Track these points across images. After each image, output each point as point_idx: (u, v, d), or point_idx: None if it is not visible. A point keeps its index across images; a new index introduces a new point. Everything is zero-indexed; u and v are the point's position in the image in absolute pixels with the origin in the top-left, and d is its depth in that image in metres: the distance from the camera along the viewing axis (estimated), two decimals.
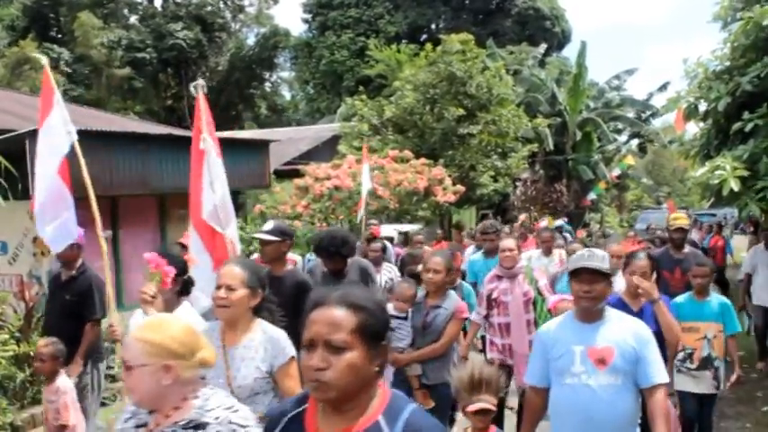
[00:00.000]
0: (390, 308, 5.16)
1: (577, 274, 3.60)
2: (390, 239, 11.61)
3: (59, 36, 40.13)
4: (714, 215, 23.35)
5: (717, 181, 7.42)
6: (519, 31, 39.52)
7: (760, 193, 7.29)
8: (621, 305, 4.74)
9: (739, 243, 20.43)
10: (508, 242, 6.42)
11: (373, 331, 1.98)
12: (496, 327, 6.27)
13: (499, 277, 6.32)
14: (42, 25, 39.49)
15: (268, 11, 47.31)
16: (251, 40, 47.35)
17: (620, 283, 5.62)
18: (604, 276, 3.59)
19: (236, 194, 15.91)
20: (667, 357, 4.77)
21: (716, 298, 5.79)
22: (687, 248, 7.11)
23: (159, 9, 44.12)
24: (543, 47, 33.28)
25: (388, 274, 7.96)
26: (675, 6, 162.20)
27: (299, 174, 15.09)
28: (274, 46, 45.48)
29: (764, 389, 8.13)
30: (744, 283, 9.00)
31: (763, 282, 8.67)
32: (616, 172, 26.60)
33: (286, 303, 4.82)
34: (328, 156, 18.11)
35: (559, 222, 17.63)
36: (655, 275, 6.85)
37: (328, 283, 5.52)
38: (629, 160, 26.87)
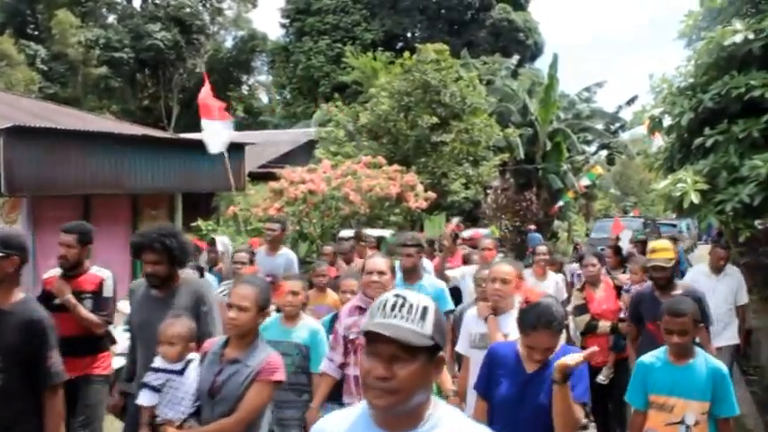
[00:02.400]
0: (157, 359, 3.79)
1: (371, 342, 1.87)
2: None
3: (36, 33, 40.01)
4: (674, 225, 23.62)
5: (678, 193, 7.56)
6: (493, 42, 39.92)
7: (719, 205, 7.44)
8: (514, 359, 3.36)
9: (703, 251, 20.84)
10: (376, 262, 4.60)
11: None
12: (352, 381, 4.38)
13: (361, 309, 4.46)
14: (20, 22, 39.33)
15: (246, 14, 47.64)
16: (229, 43, 47.64)
17: None
18: (420, 352, 1.84)
19: (209, 196, 16.09)
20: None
21: (705, 361, 3.89)
22: (679, 289, 5.61)
23: (138, 9, 44.14)
24: (516, 58, 33.62)
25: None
26: (645, 22, 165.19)
27: (274, 177, 15.10)
28: (252, 49, 45.65)
29: None
30: None
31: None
32: (585, 182, 26.84)
33: (7, 351, 3.51)
34: (304, 160, 18.19)
35: (486, 231, 17.52)
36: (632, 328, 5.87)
37: (151, 307, 4.32)
38: (598, 170, 27.21)
